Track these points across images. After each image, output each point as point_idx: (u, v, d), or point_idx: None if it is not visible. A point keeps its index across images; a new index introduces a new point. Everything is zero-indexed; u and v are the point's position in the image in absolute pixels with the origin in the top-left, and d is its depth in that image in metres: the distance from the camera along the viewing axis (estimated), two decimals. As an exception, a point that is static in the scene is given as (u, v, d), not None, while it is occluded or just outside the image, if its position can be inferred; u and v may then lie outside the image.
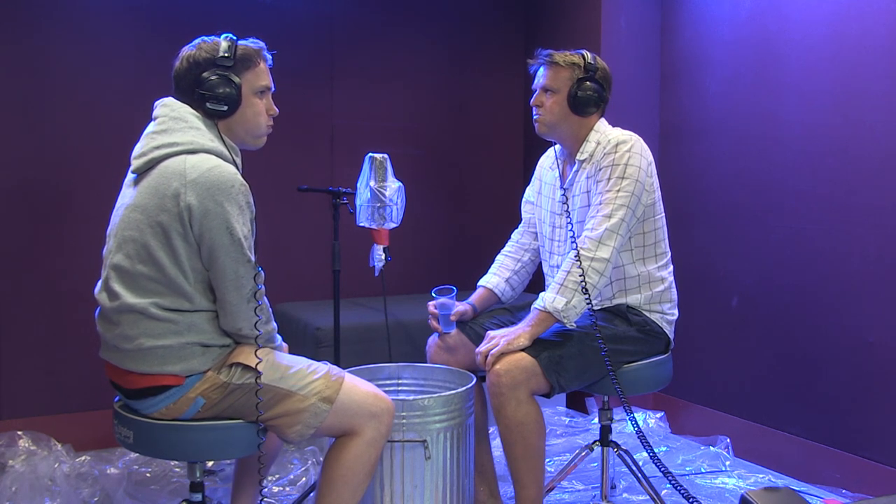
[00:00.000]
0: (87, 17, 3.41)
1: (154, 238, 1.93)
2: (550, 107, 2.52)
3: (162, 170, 1.95)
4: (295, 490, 2.96)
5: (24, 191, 3.34)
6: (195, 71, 2.03)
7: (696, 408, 3.60)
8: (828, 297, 3.05)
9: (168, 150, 1.97)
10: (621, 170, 2.42)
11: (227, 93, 2.02)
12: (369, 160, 2.65)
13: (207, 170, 1.92)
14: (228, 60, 2.02)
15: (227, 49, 2.03)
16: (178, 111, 2.03)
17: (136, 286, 1.94)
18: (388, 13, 4.03)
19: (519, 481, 2.43)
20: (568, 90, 2.50)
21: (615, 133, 2.53)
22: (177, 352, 1.95)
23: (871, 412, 2.91)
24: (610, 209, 2.40)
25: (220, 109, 2.02)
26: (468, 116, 4.26)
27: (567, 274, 2.38)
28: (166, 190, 1.92)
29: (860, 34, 2.92)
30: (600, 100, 2.52)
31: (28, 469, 3.00)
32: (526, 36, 4.31)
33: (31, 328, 3.36)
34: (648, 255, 2.55)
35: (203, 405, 1.98)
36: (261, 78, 2.10)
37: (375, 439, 2.09)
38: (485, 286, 2.76)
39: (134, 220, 1.95)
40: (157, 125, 2.04)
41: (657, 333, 2.56)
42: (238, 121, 2.07)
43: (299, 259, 3.85)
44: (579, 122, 2.54)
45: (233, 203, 1.92)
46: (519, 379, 2.34)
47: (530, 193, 2.82)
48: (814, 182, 3.10)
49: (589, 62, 2.51)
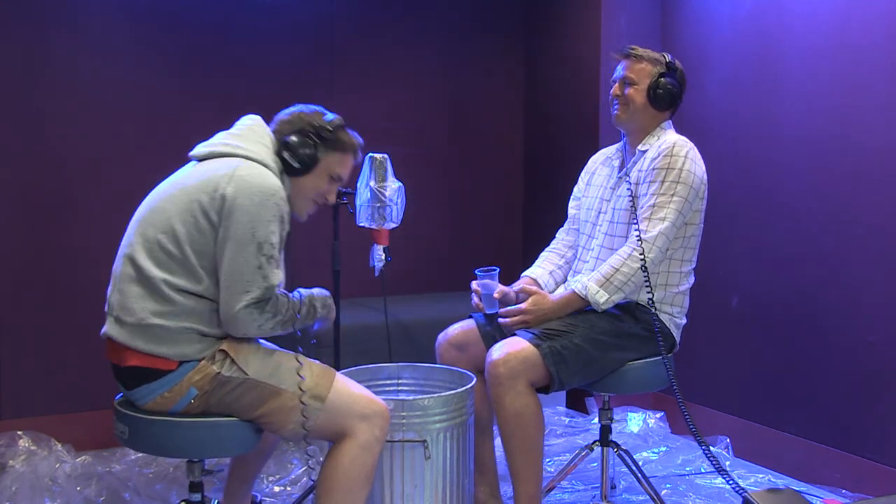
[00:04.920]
0: (87, 17, 3.41)
1: (183, 213, 1.99)
2: (632, 96, 2.58)
3: (217, 161, 2.05)
4: (296, 490, 2.96)
5: (24, 191, 3.34)
6: (295, 125, 2.13)
7: (696, 408, 3.60)
8: (828, 297, 3.05)
9: (232, 149, 2.07)
10: (677, 174, 2.47)
11: (306, 156, 2.11)
12: (369, 160, 2.65)
13: (257, 174, 2.01)
14: (325, 132, 2.13)
15: (332, 126, 2.14)
16: (258, 128, 2.15)
17: (153, 256, 1.99)
18: (389, 13, 4.03)
19: (517, 476, 2.43)
20: (648, 83, 2.56)
21: (675, 136, 2.58)
22: (174, 334, 1.97)
23: (871, 412, 2.91)
24: (664, 212, 2.45)
25: (293, 165, 2.11)
26: (468, 116, 4.26)
27: (616, 271, 2.44)
28: (212, 177, 2.00)
29: (860, 34, 2.92)
30: (677, 97, 2.60)
31: (28, 469, 3.00)
32: (526, 36, 4.31)
33: (31, 328, 3.36)
34: (675, 258, 2.57)
35: (195, 396, 1.99)
36: (342, 167, 2.19)
37: (369, 442, 2.07)
38: (529, 276, 2.77)
39: (173, 195, 2.03)
40: (233, 129, 2.15)
41: (664, 334, 2.55)
42: (297, 185, 2.15)
43: (299, 259, 3.84)
44: (653, 116, 2.60)
45: (267, 208, 1.98)
46: (518, 369, 2.35)
47: (577, 190, 2.87)
48: (814, 182, 3.10)
49: (669, 61, 2.60)
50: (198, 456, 2.11)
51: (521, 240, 4.29)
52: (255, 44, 3.71)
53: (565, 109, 4.03)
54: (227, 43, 3.66)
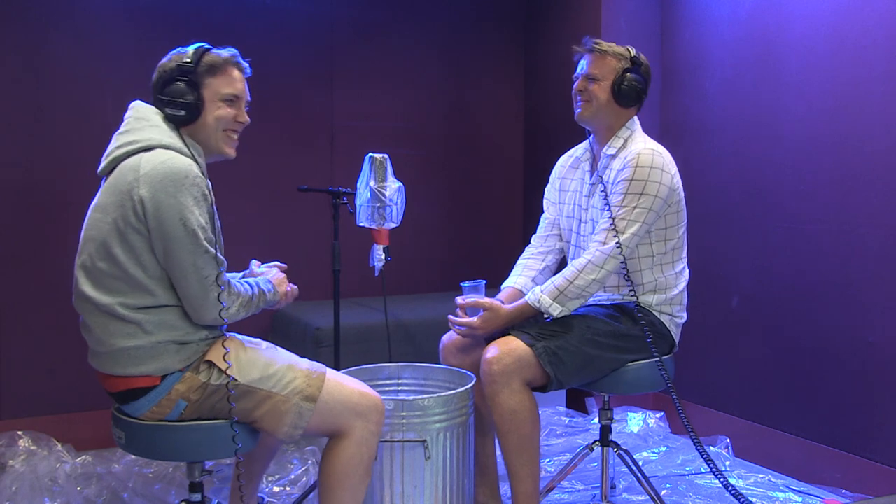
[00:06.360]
0: (87, 17, 3.41)
1: (111, 235, 1.94)
2: (596, 93, 2.52)
3: (121, 168, 1.98)
4: (296, 490, 2.96)
5: (24, 191, 3.34)
6: (161, 78, 2.06)
7: (696, 408, 3.60)
8: (828, 297, 3.05)
9: (127, 148, 1.99)
10: (640, 186, 2.42)
11: (185, 98, 2.02)
12: (369, 160, 2.65)
13: (160, 162, 1.93)
14: (191, 66, 2.03)
15: (192, 56, 2.04)
16: (141, 112, 2.06)
17: (100, 284, 1.96)
18: (388, 13, 4.04)
19: (514, 475, 2.42)
20: (613, 79, 2.51)
21: (640, 142, 2.52)
22: (149, 351, 1.95)
23: (872, 412, 2.91)
24: (624, 224, 2.41)
25: (178, 114, 2.02)
26: (468, 116, 4.26)
27: (570, 283, 2.40)
28: (122, 186, 1.94)
29: (860, 34, 2.92)
30: (642, 93, 2.54)
31: (28, 469, 3.00)
32: (526, 36, 4.31)
33: (31, 328, 3.36)
34: (667, 262, 2.56)
35: (185, 408, 1.98)
36: (228, 85, 2.07)
37: (366, 438, 2.07)
38: (511, 286, 2.71)
39: (95, 219, 1.98)
40: (122, 127, 2.07)
41: (663, 335, 2.55)
42: (200, 127, 2.05)
43: (299, 259, 3.84)
44: (618, 113, 2.55)
45: (186, 194, 1.91)
46: (511, 367, 2.34)
47: (550, 193, 2.82)
48: (814, 182, 3.10)
49: (634, 55, 2.53)
50: (196, 458, 2.11)
51: (521, 239, 4.29)
52: (255, 44, 3.69)
53: (565, 109, 4.00)
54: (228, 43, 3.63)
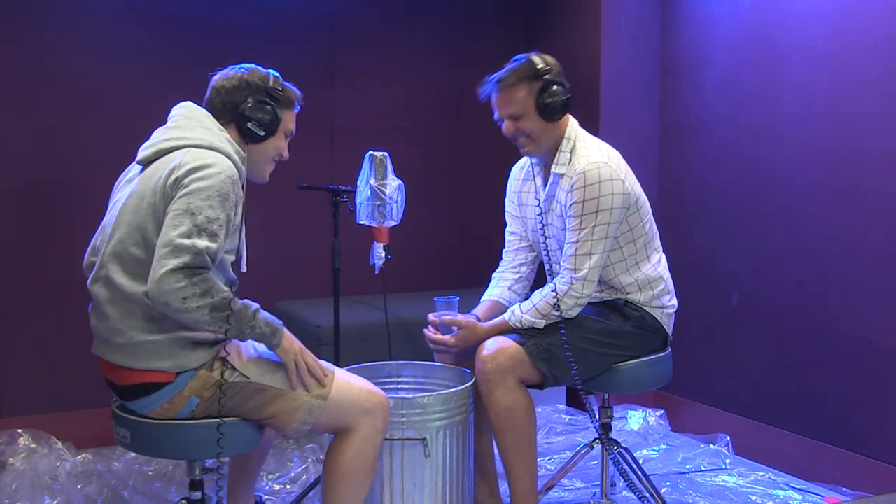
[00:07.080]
0: (86, 16, 3.41)
1: (148, 219, 1.93)
2: (526, 128, 2.43)
3: (164, 159, 1.99)
4: (296, 488, 2.96)
5: (23, 190, 3.34)
6: (244, 92, 2.09)
7: (697, 406, 3.61)
8: (828, 296, 3.05)
9: (177, 142, 2.01)
10: (592, 204, 2.38)
11: (270, 121, 2.09)
12: (369, 158, 2.66)
13: (203, 159, 1.95)
14: (278, 94, 2.11)
15: (278, 84, 2.12)
16: (194, 113, 2.09)
17: (131, 272, 1.93)
18: (388, 13, 4.04)
19: (512, 473, 2.42)
20: (534, 105, 2.42)
21: (583, 153, 2.44)
22: (166, 347, 1.94)
23: (871, 410, 2.91)
24: (589, 247, 2.39)
25: (259, 134, 2.09)
26: (468, 114, 4.26)
27: (551, 308, 2.40)
28: (162, 173, 1.95)
29: (860, 33, 2.92)
30: (567, 99, 2.43)
31: (28, 467, 3.00)
32: (526, 36, 4.31)
33: (32, 327, 3.36)
34: (641, 259, 2.55)
35: (197, 405, 1.98)
36: (293, 122, 2.21)
37: (371, 435, 2.10)
38: (489, 299, 2.68)
39: (131, 205, 1.97)
40: (170, 123, 2.09)
41: (654, 329, 2.56)
42: (259, 149, 2.13)
43: (299, 257, 3.85)
44: (554, 128, 2.47)
45: (211, 187, 1.90)
46: (505, 365, 2.35)
47: (511, 206, 2.77)
48: (814, 181, 3.10)
49: (539, 67, 2.41)
50: (201, 457, 2.10)
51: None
52: (255, 44, 3.71)
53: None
54: (228, 43, 3.66)
